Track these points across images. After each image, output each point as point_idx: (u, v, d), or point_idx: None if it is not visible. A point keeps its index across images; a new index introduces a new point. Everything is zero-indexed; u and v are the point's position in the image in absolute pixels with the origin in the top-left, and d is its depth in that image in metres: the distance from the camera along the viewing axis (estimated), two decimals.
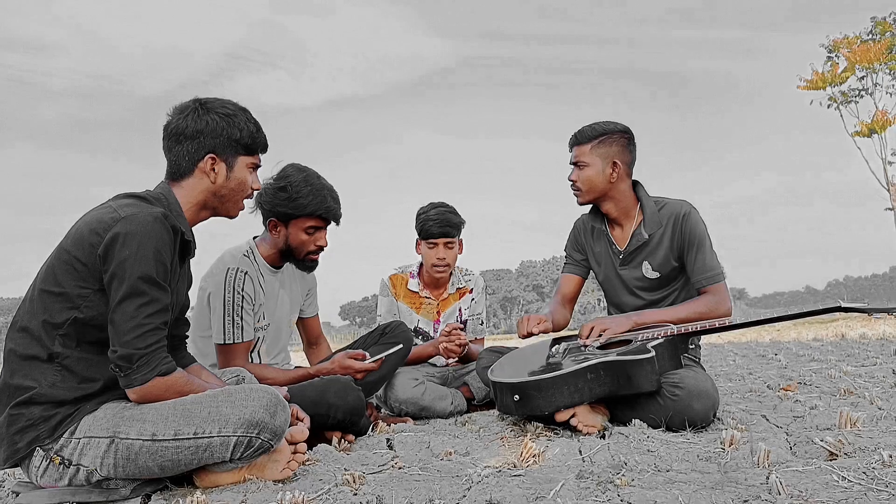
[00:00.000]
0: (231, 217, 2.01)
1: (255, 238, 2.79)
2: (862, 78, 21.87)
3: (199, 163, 1.88)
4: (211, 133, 1.88)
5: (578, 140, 2.69)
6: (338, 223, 2.70)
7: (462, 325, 3.32)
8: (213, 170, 1.90)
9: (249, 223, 2.53)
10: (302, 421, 2.01)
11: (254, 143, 1.96)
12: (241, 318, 2.54)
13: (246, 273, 2.57)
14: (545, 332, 2.63)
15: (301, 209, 2.56)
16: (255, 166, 2.01)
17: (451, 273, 3.48)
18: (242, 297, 2.54)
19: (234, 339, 2.54)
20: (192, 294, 2.68)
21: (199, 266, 2.69)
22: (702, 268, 2.56)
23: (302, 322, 3.11)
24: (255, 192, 2.07)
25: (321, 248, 2.70)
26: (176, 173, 1.91)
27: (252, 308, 2.59)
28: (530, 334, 2.61)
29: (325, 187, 2.62)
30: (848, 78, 21.61)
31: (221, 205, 1.95)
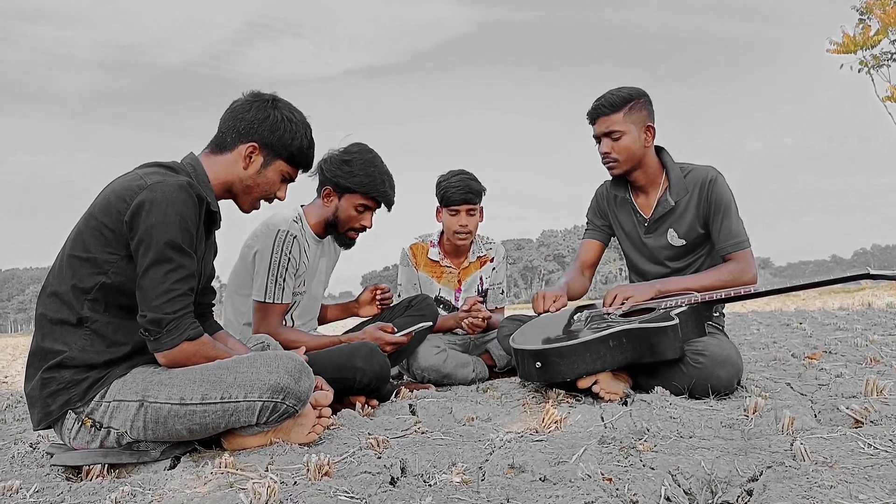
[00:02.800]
0: (242, 210, 2.05)
1: (302, 206, 2.84)
2: (895, 41, 21.14)
3: (240, 145, 1.93)
4: (266, 126, 1.93)
5: (607, 110, 2.58)
6: (389, 209, 2.78)
7: (482, 299, 3.32)
8: (250, 157, 1.94)
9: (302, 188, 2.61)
10: (327, 391, 2.05)
11: (299, 155, 2.01)
12: (284, 280, 2.60)
13: (295, 237, 2.62)
14: (561, 307, 2.62)
15: (359, 186, 2.65)
16: (289, 178, 2.05)
17: (472, 241, 3.47)
18: (289, 259, 2.60)
19: (274, 300, 2.59)
20: (234, 254, 2.75)
21: (244, 228, 2.75)
22: (727, 234, 2.52)
23: None
24: (274, 199, 2.08)
25: (364, 228, 2.78)
26: (218, 146, 1.96)
27: (295, 272, 2.65)
28: (546, 312, 2.60)
29: (385, 173, 2.71)
30: (880, 41, 20.91)
31: (241, 194, 1.99)
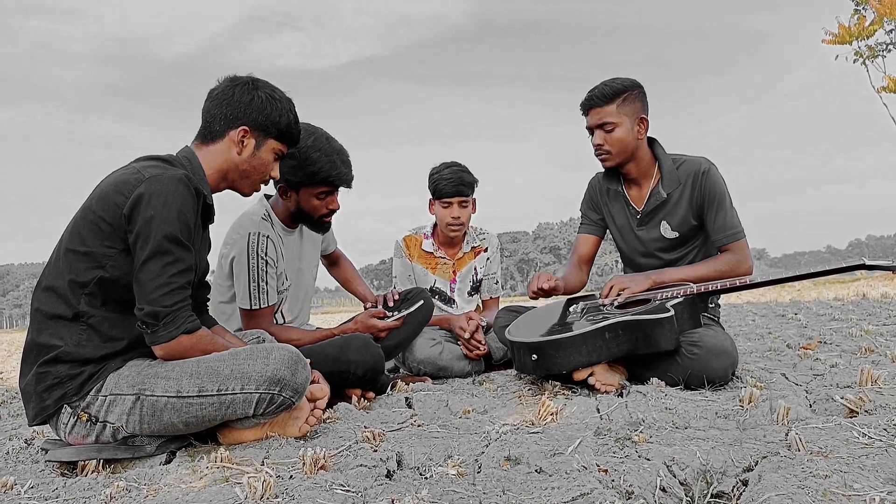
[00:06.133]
0: (244, 195, 2.03)
1: (268, 198, 2.75)
2: (890, 31, 21.10)
3: (231, 131, 1.91)
4: (253, 108, 1.91)
5: (600, 101, 2.56)
6: (349, 187, 2.62)
7: (484, 322, 3.25)
8: (242, 142, 1.92)
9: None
10: (323, 385, 2.05)
11: (288, 132, 1.99)
12: (266, 283, 2.53)
13: (268, 237, 2.53)
14: (554, 289, 2.60)
15: (311, 177, 2.49)
16: (281, 155, 2.03)
17: (465, 232, 3.47)
18: (266, 261, 2.51)
19: (260, 304, 2.53)
20: (212, 259, 2.68)
21: (218, 228, 2.66)
22: (722, 226, 2.52)
23: (325, 257, 3.20)
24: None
25: (333, 211, 2.66)
26: (206, 135, 1.93)
27: (276, 272, 2.57)
28: (540, 290, 2.58)
29: (334, 151, 2.52)
30: (875, 31, 20.88)
31: (239, 179, 1.97)
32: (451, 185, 3.25)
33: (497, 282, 3.66)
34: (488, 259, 3.60)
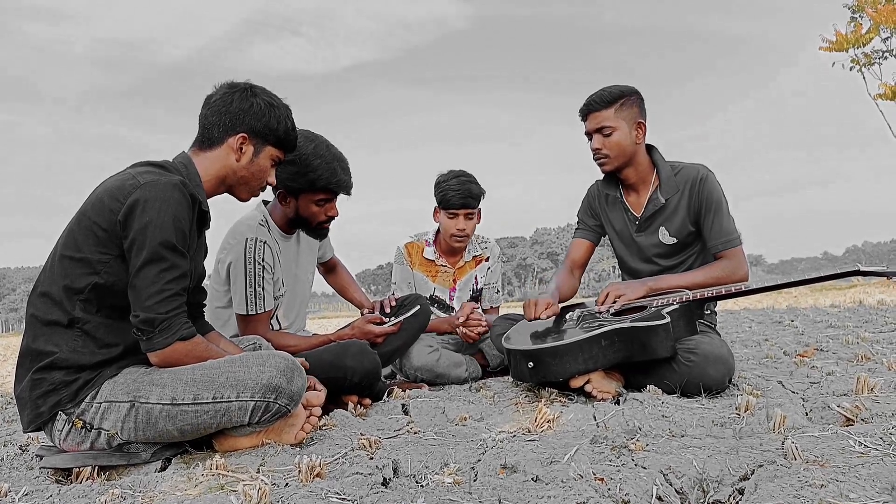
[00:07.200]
0: (241, 200, 2.04)
1: (265, 203, 2.75)
2: (886, 39, 21.21)
3: (229, 138, 1.91)
4: (252, 115, 1.92)
5: (598, 106, 2.60)
6: (349, 194, 2.63)
7: (478, 306, 3.26)
8: (241, 149, 1.92)
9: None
10: (319, 391, 2.04)
11: (286, 138, 2.00)
12: (263, 288, 2.53)
13: (265, 242, 2.54)
14: (553, 314, 2.60)
15: (311, 184, 2.51)
16: (278, 161, 2.04)
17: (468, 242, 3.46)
18: (263, 266, 2.52)
19: (256, 310, 2.53)
20: (208, 264, 2.67)
21: (215, 233, 2.66)
22: (718, 232, 2.54)
23: (322, 264, 3.19)
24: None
25: (332, 218, 2.67)
26: (205, 142, 1.93)
27: (272, 277, 2.58)
28: (537, 319, 2.59)
29: (335, 158, 2.54)
30: (872, 39, 20.98)
31: (237, 185, 1.98)
32: (459, 196, 3.21)
33: (497, 291, 3.65)
34: (489, 269, 3.59)
